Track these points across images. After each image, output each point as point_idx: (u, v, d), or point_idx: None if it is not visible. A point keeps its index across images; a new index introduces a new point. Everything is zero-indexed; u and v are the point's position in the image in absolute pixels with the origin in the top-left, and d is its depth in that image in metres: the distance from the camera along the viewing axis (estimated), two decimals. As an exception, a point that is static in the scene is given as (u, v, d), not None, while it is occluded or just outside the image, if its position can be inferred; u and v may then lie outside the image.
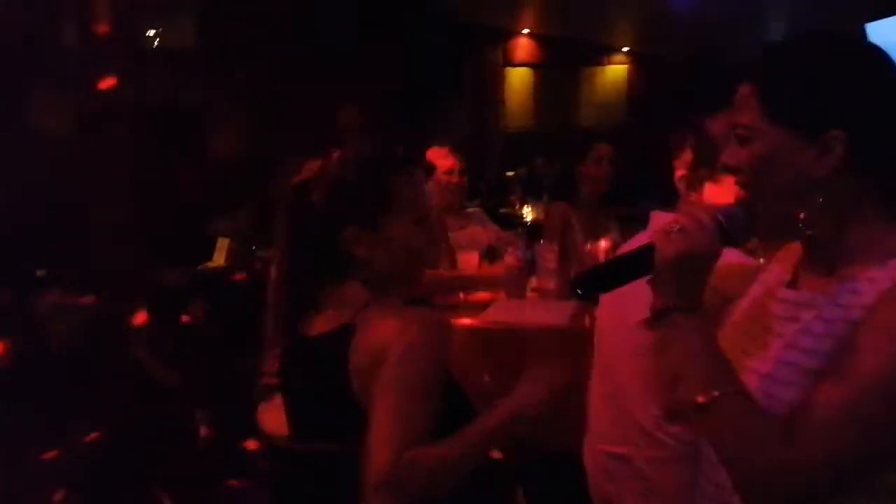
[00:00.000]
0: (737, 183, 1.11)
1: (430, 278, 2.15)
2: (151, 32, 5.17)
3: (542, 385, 1.33)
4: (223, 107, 5.46)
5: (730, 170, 1.11)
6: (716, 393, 0.98)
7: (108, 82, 3.32)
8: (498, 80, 9.62)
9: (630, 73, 9.87)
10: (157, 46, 5.27)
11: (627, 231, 2.86)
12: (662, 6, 7.62)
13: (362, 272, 1.37)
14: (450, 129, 7.17)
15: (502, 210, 6.51)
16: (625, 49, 9.84)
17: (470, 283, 2.85)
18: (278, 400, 2.41)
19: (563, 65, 9.70)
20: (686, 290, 1.05)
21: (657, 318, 1.06)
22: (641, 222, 3.03)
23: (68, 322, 3.02)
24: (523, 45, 9.72)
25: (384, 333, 1.28)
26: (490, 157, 9.01)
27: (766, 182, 1.06)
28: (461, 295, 2.79)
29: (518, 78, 9.83)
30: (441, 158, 3.11)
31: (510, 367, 1.56)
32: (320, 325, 1.39)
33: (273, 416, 2.42)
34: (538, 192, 7.29)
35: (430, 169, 3.02)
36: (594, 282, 1.14)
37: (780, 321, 1.09)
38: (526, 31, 9.56)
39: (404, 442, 1.20)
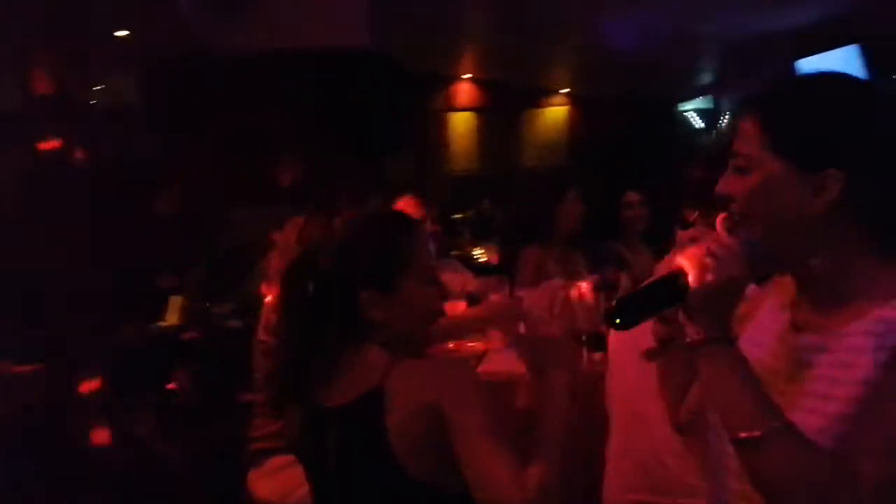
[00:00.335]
0: (728, 213, 1.11)
1: None
2: (96, 89, 5.09)
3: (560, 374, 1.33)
4: (169, 163, 5.39)
5: (723, 199, 1.11)
6: (767, 427, 0.96)
7: (52, 143, 3.25)
8: (441, 125, 9.73)
9: (570, 113, 10.09)
10: (101, 103, 5.18)
11: (595, 269, 2.89)
12: (597, 49, 7.81)
13: (380, 335, 1.35)
14: (395, 177, 7.19)
15: (453, 252, 6.52)
16: (563, 91, 10.05)
17: (462, 329, 2.75)
18: (271, 465, 2.35)
19: (505, 108, 9.86)
20: (720, 318, 1.04)
21: (693, 349, 1.04)
22: (609, 260, 3.09)
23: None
24: (465, 89, 9.87)
25: (425, 390, 1.27)
26: (436, 202, 9.07)
27: (760, 213, 1.07)
28: (450, 345, 2.74)
29: (461, 122, 9.96)
30: (411, 209, 3.10)
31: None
32: (343, 392, 1.35)
33: (267, 483, 2.35)
34: (487, 233, 7.35)
35: None
36: (629, 311, 1.10)
37: (793, 366, 1.09)
38: (467, 76, 9.71)
39: (519, 476, 1.20)
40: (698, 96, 9.60)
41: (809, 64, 6.16)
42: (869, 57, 5.54)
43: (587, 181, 4.00)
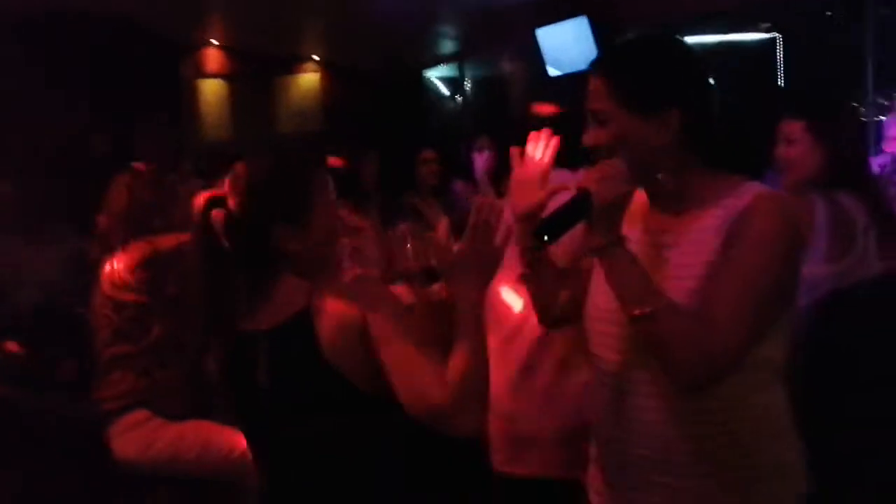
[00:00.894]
0: (598, 158, 1.38)
1: None
2: None
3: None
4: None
5: (592, 148, 1.40)
6: (656, 304, 1.26)
7: None
8: (192, 93, 9.45)
9: (322, 80, 10.22)
10: None
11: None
12: (345, 16, 7.99)
13: (296, 264, 1.48)
14: (147, 144, 6.98)
15: None
16: (315, 58, 10.15)
17: None
18: (125, 422, 2.33)
19: (256, 75, 9.77)
20: (615, 226, 1.32)
21: (598, 251, 1.32)
22: (405, 212, 3.42)
23: None
24: (214, 56, 9.64)
25: (346, 310, 1.41)
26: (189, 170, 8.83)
27: (623, 153, 1.36)
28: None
29: (211, 90, 9.73)
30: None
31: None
32: (272, 316, 1.46)
33: (124, 441, 2.33)
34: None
35: None
36: (553, 229, 1.34)
37: (653, 261, 1.38)
38: (215, 42, 9.49)
39: (438, 372, 1.36)
40: (443, 64, 10.14)
41: (547, 33, 6.82)
42: (595, 26, 6.31)
43: (339, 147, 4.29)
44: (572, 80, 6.94)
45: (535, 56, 7.34)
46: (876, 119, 5.98)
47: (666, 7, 6.85)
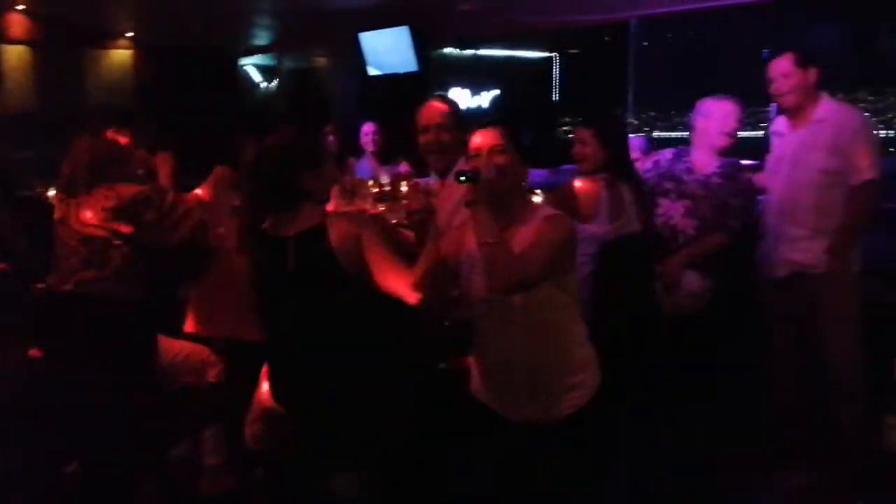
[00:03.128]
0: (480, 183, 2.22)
1: None
2: None
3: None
4: None
5: (472, 178, 2.20)
6: (497, 237, 2.15)
7: None
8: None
9: (135, 57, 10.28)
10: None
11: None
12: None
13: (310, 197, 2.28)
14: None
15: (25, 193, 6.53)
16: (128, 34, 10.19)
17: None
18: None
19: (64, 45, 9.64)
20: (486, 193, 2.21)
21: (472, 205, 2.20)
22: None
23: None
24: (18, 21, 9.40)
25: (347, 227, 2.23)
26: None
27: (504, 177, 2.27)
28: None
29: (14, 56, 9.49)
30: None
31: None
32: (297, 225, 2.25)
33: None
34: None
35: None
36: (465, 174, 2.20)
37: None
38: (20, 6, 9.27)
39: (402, 267, 2.22)
40: (262, 53, 10.60)
41: (369, 38, 7.64)
42: (416, 36, 7.24)
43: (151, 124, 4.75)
44: (389, 80, 7.84)
45: (351, 55, 8.11)
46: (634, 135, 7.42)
47: (469, 27, 7.92)
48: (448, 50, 11.05)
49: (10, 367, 2.83)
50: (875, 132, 3.65)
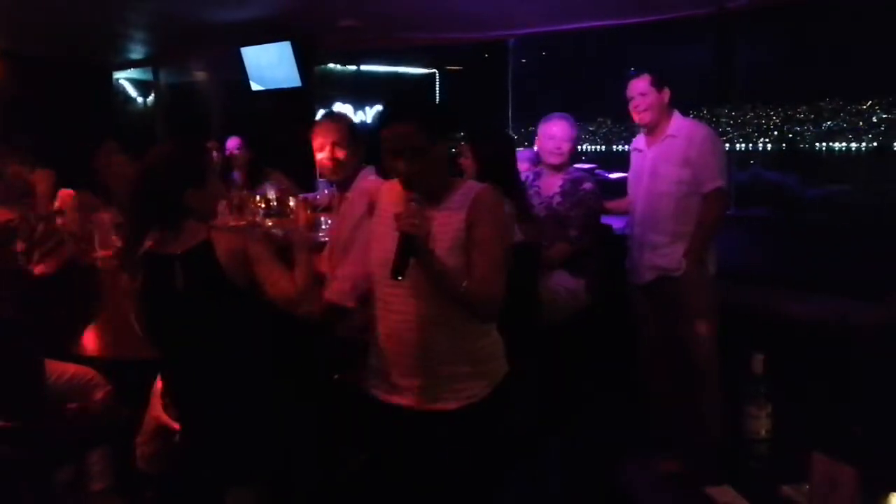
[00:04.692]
0: (406, 183, 2.12)
1: None
2: None
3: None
4: None
5: (405, 175, 2.10)
6: (463, 287, 2.10)
7: None
8: None
9: (2, 70, 9.80)
10: None
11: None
12: (30, 7, 7.89)
13: (194, 215, 2.27)
14: None
15: None
16: (-6, 47, 9.71)
17: None
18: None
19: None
20: (427, 246, 2.07)
21: (423, 266, 2.08)
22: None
23: None
24: None
25: (234, 241, 2.25)
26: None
27: (427, 174, 2.12)
28: None
29: None
30: None
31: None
32: (182, 244, 2.24)
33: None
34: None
35: None
36: (399, 270, 2.02)
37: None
38: None
39: (289, 279, 2.25)
40: (138, 67, 10.31)
41: (251, 53, 7.58)
42: (298, 51, 7.25)
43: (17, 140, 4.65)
44: (271, 95, 7.80)
45: (231, 69, 8.02)
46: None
47: (353, 43, 7.98)
48: (331, 65, 11.08)
49: None
50: (723, 144, 3.99)
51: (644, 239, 3.77)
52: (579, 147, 4.19)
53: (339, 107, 11.81)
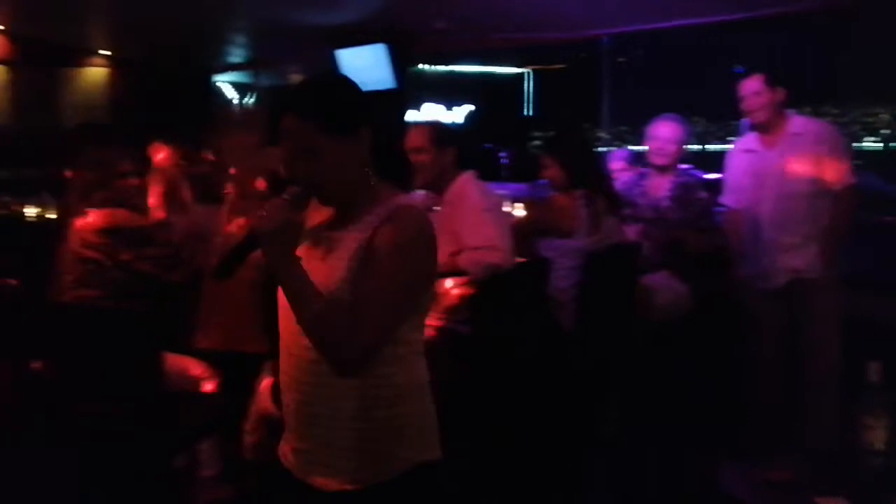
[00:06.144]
0: (302, 185, 1.59)
1: None
2: None
3: None
4: None
5: (298, 177, 1.58)
6: (321, 303, 1.53)
7: None
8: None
9: (110, 74, 10.31)
10: None
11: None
12: (133, 14, 8.25)
13: None
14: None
15: (25, 210, 6.54)
16: (102, 52, 10.21)
17: None
18: None
19: (41, 64, 9.66)
20: (286, 248, 1.58)
21: (273, 271, 1.58)
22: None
23: None
24: (-1, 42, 9.41)
25: None
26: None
27: (325, 178, 1.59)
28: None
29: (-6, 75, 9.49)
30: None
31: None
32: None
33: None
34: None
35: None
36: (229, 265, 1.61)
37: (325, 250, 1.65)
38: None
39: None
40: (237, 70, 10.66)
41: (346, 56, 7.74)
42: (393, 53, 7.36)
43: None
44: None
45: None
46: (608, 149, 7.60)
47: (447, 44, 8.07)
48: (422, 65, 11.20)
49: (17, 378, 2.88)
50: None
51: (777, 241, 3.62)
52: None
53: (429, 107, 11.92)
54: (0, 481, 2.74)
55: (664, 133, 3.94)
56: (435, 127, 3.35)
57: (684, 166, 4.12)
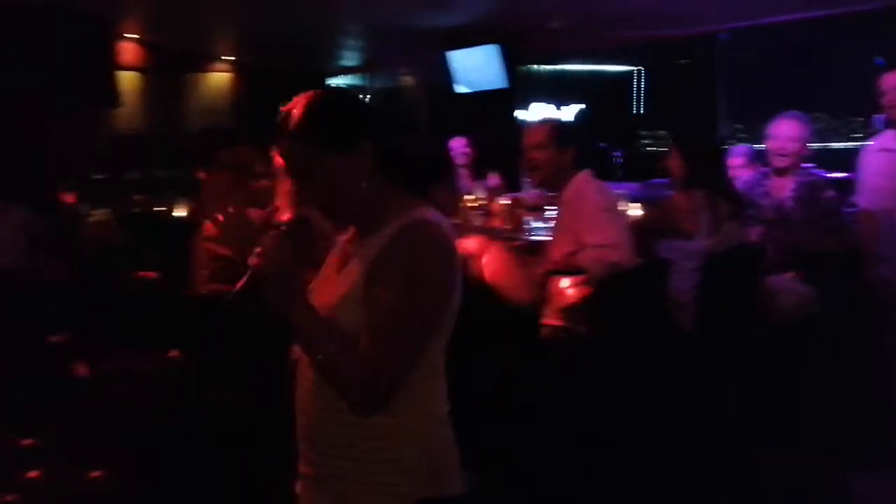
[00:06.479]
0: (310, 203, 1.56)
1: None
2: None
3: None
4: None
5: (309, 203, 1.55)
6: (325, 351, 1.43)
7: None
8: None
9: (233, 80, 10.76)
10: None
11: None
12: (258, 20, 8.57)
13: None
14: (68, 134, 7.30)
15: (156, 209, 6.87)
16: (226, 57, 10.67)
17: None
18: None
19: (168, 70, 10.15)
20: (287, 288, 1.50)
21: (277, 312, 1.49)
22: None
23: None
24: (130, 49, 9.94)
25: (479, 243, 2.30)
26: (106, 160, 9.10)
27: (337, 197, 1.52)
28: None
29: (128, 81, 10.04)
30: None
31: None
32: None
33: None
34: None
35: None
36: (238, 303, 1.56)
37: (342, 263, 1.58)
38: (133, 35, 9.82)
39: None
40: (350, 73, 10.93)
41: (458, 57, 7.82)
42: (505, 53, 7.39)
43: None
44: (473, 97, 8.00)
45: (436, 73, 8.29)
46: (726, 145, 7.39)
47: (558, 44, 8.03)
48: (531, 65, 11.18)
49: (156, 366, 3.06)
50: None
51: None
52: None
53: (539, 107, 11.88)
54: (144, 467, 2.90)
55: (786, 131, 3.80)
56: (556, 125, 3.37)
57: (806, 165, 3.97)
